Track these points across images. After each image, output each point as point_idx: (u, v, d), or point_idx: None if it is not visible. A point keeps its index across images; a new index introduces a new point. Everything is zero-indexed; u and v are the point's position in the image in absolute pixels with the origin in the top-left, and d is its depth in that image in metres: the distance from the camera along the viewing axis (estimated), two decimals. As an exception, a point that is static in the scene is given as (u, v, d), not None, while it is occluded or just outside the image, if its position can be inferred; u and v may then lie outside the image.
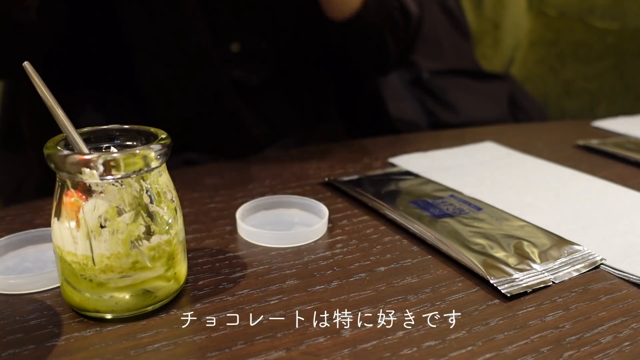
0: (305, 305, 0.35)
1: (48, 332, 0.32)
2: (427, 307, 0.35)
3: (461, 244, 0.41)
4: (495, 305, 0.35)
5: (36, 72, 0.32)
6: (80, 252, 0.31)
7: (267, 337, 0.32)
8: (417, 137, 0.74)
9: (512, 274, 0.38)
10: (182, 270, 0.35)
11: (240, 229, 0.44)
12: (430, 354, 0.31)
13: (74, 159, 0.30)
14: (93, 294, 0.32)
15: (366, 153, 0.64)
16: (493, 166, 0.60)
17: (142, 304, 0.33)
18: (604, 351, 0.31)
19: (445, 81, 0.94)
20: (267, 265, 0.40)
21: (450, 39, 1.00)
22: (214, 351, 0.31)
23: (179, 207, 0.35)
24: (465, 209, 0.48)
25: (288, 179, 0.56)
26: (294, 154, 0.64)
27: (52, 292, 0.36)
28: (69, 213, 0.31)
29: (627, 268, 0.39)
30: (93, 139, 0.34)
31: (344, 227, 0.46)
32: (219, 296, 0.36)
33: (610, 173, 0.59)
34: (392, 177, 0.55)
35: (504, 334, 0.33)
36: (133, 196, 0.32)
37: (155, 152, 0.32)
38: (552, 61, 1.19)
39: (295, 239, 0.43)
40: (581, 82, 1.18)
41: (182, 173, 0.57)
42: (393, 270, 0.39)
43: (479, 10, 1.18)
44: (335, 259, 0.41)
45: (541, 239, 0.43)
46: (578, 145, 0.69)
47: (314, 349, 0.31)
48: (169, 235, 0.33)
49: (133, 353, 0.30)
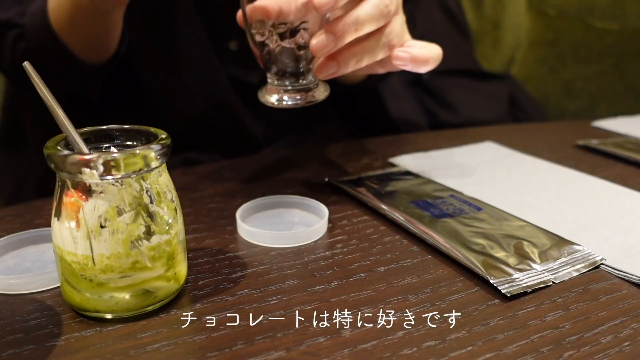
0: (305, 305, 0.35)
1: (48, 332, 0.32)
2: (427, 307, 0.35)
3: (461, 244, 0.41)
4: (495, 305, 0.35)
5: (36, 72, 0.32)
6: (80, 252, 0.31)
7: (267, 337, 0.32)
8: (417, 137, 0.74)
9: (512, 274, 0.38)
10: (182, 270, 0.35)
11: (240, 229, 0.44)
12: (430, 354, 0.31)
13: (74, 159, 0.30)
14: (93, 294, 0.32)
15: (366, 153, 0.64)
16: (493, 166, 0.60)
17: (142, 304, 0.33)
18: (604, 351, 0.31)
19: (445, 81, 0.94)
20: (267, 265, 0.40)
21: (450, 39, 1.00)
22: (214, 351, 0.31)
23: (179, 207, 0.35)
24: (465, 209, 0.48)
25: (288, 179, 0.56)
26: (294, 154, 0.64)
27: (52, 292, 0.36)
28: (69, 213, 0.31)
29: (627, 268, 0.39)
30: (93, 139, 0.34)
31: (344, 227, 0.46)
32: (219, 296, 0.36)
33: (610, 173, 0.59)
34: (392, 177, 0.55)
35: (504, 334, 0.33)
36: (133, 196, 0.32)
37: (155, 152, 0.32)
38: (552, 61, 1.19)
39: (295, 239, 0.43)
40: (581, 82, 1.18)
41: (182, 173, 0.57)
42: (393, 270, 0.39)
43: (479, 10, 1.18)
44: (335, 259, 0.41)
45: (541, 239, 0.43)
46: (578, 145, 0.69)
47: (314, 349, 0.31)
48: (169, 235, 0.33)
49: (133, 353, 0.30)
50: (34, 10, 0.56)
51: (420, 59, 0.47)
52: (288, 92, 0.46)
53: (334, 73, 0.44)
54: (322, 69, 0.44)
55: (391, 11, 0.44)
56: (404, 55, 0.47)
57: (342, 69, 0.44)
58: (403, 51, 0.47)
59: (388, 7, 0.43)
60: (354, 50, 0.44)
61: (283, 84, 0.46)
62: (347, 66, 0.44)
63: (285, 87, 0.46)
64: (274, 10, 0.42)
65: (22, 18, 0.56)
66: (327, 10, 0.41)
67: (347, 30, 0.42)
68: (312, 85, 0.47)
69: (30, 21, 0.55)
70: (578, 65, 1.17)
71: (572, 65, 1.18)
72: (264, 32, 0.44)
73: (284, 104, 0.46)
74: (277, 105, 0.46)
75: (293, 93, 0.46)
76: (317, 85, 0.47)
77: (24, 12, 0.56)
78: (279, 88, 0.46)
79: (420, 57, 0.47)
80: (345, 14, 0.42)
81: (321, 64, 0.44)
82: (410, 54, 0.47)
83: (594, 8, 1.14)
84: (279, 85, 0.46)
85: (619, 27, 1.14)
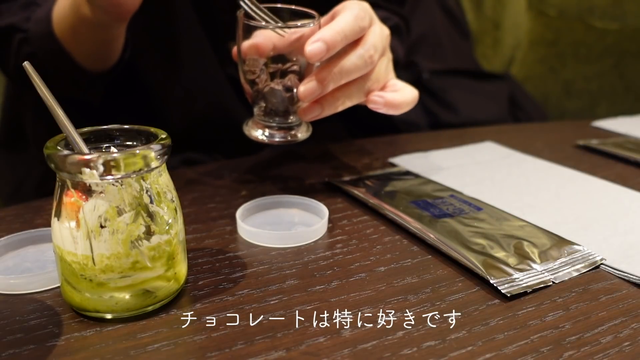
0: (305, 305, 0.35)
1: (48, 332, 0.32)
2: (427, 307, 0.35)
3: (461, 244, 0.41)
4: (495, 305, 0.35)
5: (36, 72, 0.32)
6: (80, 252, 0.31)
7: (267, 337, 0.32)
8: (417, 137, 0.74)
9: (512, 274, 0.38)
10: (182, 270, 0.35)
11: (240, 229, 0.44)
12: (430, 354, 0.31)
13: (74, 159, 0.30)
14: (93, 294, 0.32)
15: (366, 153, 0.64)
16: (493, 166, 0.60)
17: (142, 304, 0.33)
18: (604, 351, 0.31)
19: (445, 81, 0.94)
20: (267, 265, 0.40)
21: (450, 39, 1.00)
22: (214, 351, 0.31)
23: (179, 207, 0.35)
24: (465, 209, 0.48)
25: (288, 179, 0.56)
26: (294, 153, 0.64)
27: (52, 292, 0.36)
28: (69, 213, 0.31)
29: (627, 268, 0.39)
30: (93, 139, 0.34)
31: (344, 227, 0.46)
32: (219, 296, 0.36)
33: (610, 173, 0.59)
34: (392, 177, 0.55)
35: (504, 334, 0.33)
36: (133, 196, 0.32)
37: (155, 152, 0.32)
38: (552, 61, 1.19)
39: (295, 239, 0.43)
40: (581, 82, 1.18)
41: (182, 173, 0.57)
42: (393, 270, 0.39)
43: (479, 10, 1.18)
44: (335, 259, 0.41)
45: (541, 239, 0.43)
46: (578, 145, 0.69)
47: (314, 349, 0.31)
48: (169, 235, 0.33)
49: (133, 353, 0.30)
50: (39, 16, 0.56)
51: (393, 104, 0.49)
52: (272, 128, 0.49)
53: (318, 115, 0.48)
54: (307, 112, 0.47)
55: (375, 61, 0.47)
56: (378, 99, 0.49)
57: (325, 112, 0.48)
58: (378, 96, 0.49)
59: (372, 57, 0.47)
60: (337, 95, 0.47)
61: (268, 121, 0.49)
62: (330, 109, 0.48)
63: (269, 124, 0.49)
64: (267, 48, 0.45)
65: (27, 23, 0.56)
66: (317, 60, 0.44)
67: (333, 79, 0.45)
68: (295, 124, 0.50)
69: (35, 27, 0.56)
70: (578, 65, 1.17)
71: (572, 65, 1.18)
72: (255, 71, 0.47)
73: (267, 141, 0.49)
74: (261, 140, 0.49)
75: (277, 130, 0.49)
76: (300, 125, 0.50)
77: (29, 17, 0.57)
78: (264, 124, 0.49)
79: (394, 102, 0.49)
80: (332, 63, 0.45)
81: (306, 107, 0.47)
82: (384, 99, 0.49)
83: (594, 8, 1.14)
84: (264, 122, 0.49)
85: (619, 27, 1.14)
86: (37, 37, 0.56)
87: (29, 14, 0.57)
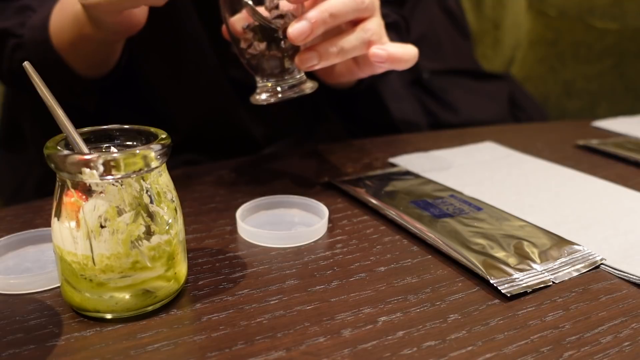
0: (305, 305, 0.35)
1: (48, 332, 0.32)
2: (427, 307, 0.35)
3: (461, 244, 0.41)
4: (495, 305, 0.35)
5: (36, 72, 0.32)
6: (80, 252, 0.31)
7: (267, 337, 0.32)
8: (417, 137, 0.74)
9: (512, 274, 0.38)
10: (182, 270, 0.35)
11: (240, 229, 0.44)
12: (430, 354, 0.31)
13: (74, 159, 0.30)
14: (93, 294, 0.32)
15: (366, 153, 0.64)
16: (493, 166, 0.60)
17: (142, 304, 0.33)
18: (604, 351, 0.31)
19: (445, 81, 0.94)
20: (267, 265, 0.40)
21: (450, 39, 1.00)
22: (214, 351, 0.31)
23: (179, 207, 0.35)
24: (465, 209, 0.48)
25: (288, 178, 0.56)
26: (294, 154, 0.64)
27: (52, 292, 0.36)
28: (69, 213, 0.31)
29: (627, 268, 0.39)
30: (93, 139, 0.34)
31: (344, 227, 0.46)
32: (219, 296, 0.36)
33: (610, 173, 0.59)
34: (392, 177, 0.55)
35: (504, 334, 0.33)
36: (133, 196, 0.32)
37: (155, 152, 0.32)
38: (552, 61, 1.19)
39: (295, 239, 0.43)
40: (581, 82, 1.18)
41: (182, 173, 0.57)
42: (393, 270, 0.39)
43: (479, 10, 1.18)
44: (335, 259, 0.41)
45: (541, 239, 0.43)
46: (578, 145, 0.69)
47: (314, 349, 0.31)
48: (169, 235, 0.33)
49: (133, 353, 0.30)
50: (34, 23, 0.56)
51: (397, 57, 0.48)
52: (276, 89, 0.49)
53: (316, 64, 0.46)
54: (303, 59, 0.46)
55: (366, 3, 0.45)
56: (381, 52, 0.48)
57: (323, 60, 0.45)
58: (380, 49, 0.48)
59: (364, 1, 0.45)
60: (333, 41, 0.46)
61: (273, 85, 0.49)
62: (328, 57, 0.45)
63: (274, 87, 0.49)
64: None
65: (21, 29, 0.56)
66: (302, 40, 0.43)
67: (321, 17, 0.43)
68: (299, 82, 0.49)
69: (30, 34, 0.55)
70: (578, 65, 1.17)
71: (572, 65, 1.18)
72: (247, 38, 0.47)
73: (272, 100, 0.48)
74: (266, 101, 0.48)
75: (282, 89, 0.48)
76: (304, 81, 0.49)
77: (24, 23, 0.56)
78: (268, 87, 0.49)
79: (397, 55, 0.48)
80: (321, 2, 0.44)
81: (302, 55, 0.46)
82: (387, 51, 0.48)
83: (594, 8, 1.14)
84: (269, 85, 0.49)
85: (619, 27, 1.14)
86: (32, 44, 0.55)
87: (24, 19, 0.56)
